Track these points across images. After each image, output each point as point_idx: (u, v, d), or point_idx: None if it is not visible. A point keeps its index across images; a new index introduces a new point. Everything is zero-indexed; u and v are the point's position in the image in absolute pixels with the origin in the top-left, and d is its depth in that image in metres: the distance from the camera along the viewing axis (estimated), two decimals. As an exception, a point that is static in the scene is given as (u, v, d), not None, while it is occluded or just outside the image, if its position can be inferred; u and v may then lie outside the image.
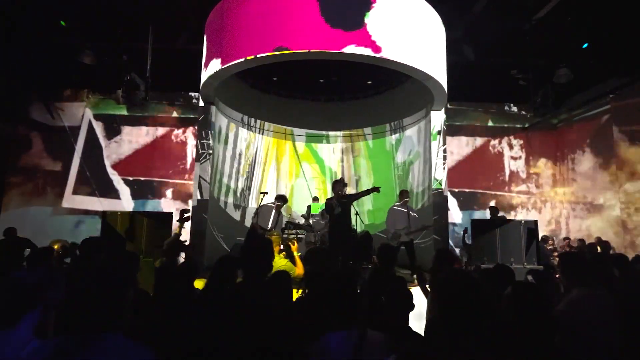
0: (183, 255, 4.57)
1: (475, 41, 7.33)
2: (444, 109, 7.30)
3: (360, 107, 8.81)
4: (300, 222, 7.53)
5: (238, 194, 8.42)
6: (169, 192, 9.10)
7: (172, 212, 6.58)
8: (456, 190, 9.67)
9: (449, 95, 6.72)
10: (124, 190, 9.01)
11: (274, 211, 6.09)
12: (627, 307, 2.09)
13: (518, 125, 10.13)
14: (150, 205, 8.94)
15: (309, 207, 8.02)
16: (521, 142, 10.11)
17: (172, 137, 9.28)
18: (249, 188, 8.70)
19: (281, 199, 6.26)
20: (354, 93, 8.67)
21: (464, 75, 7.45)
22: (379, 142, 9.19)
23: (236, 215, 8.29)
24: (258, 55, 5.38)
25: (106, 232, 5.15)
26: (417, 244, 6.48)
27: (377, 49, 5.17)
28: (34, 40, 7.15)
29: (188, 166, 9.18)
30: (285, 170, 9.32)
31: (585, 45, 7.13)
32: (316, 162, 9.53)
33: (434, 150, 7.28)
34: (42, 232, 7.88)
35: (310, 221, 7.45)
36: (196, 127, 9.20)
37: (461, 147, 9.93)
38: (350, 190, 7.40)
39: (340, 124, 9.13)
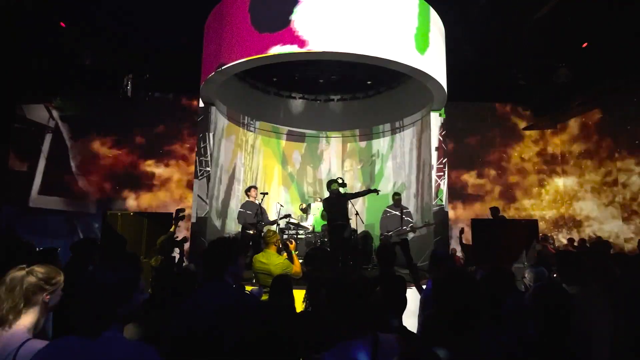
0: (177, 250, 4.59)
1: (474, 40, 7.31)
2: (443, 116, 7.20)
3: (359, 108, 8.81)
4: (300, 222, 7.53)
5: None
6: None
7: (171, 213, 6.59)
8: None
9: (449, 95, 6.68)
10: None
11: (249, 204, 6.11)
12: (626, 306, 2.09)
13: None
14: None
15: (308, 206, 8.03)
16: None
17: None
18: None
19: (249, 189, 6.32)
20: (354, 93, 8.67)
21: (462, 75, 7.44)
22: (374, 144, 9.20)
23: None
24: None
25: (106, 233, 5.16)
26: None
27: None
28: (32, 41, 7.15)
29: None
30: (282, 172, 9.31)
31: (585, 45, 7.12)
32: (314, 163, 9.51)
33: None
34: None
35: (310, 220, 7.45)
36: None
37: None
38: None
39: (340, 124, 9.13)
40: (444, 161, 7.12)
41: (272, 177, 9.20)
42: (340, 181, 5.77)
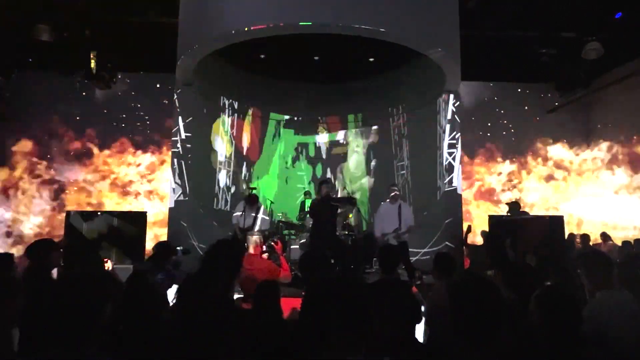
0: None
1: (491, 11, 7.28)
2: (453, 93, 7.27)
3: (361, 90, 8.81)
4: (293, 222, 7.59)
5: (220, 195, 8.41)
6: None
7: (146, 212, 6.62)
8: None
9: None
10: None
11: (245, 210, 6.37)
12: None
13: None
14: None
15: (302, 204, 8.08)
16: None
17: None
18: (230, 187, 8.70)
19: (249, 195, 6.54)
20: (354, 73, 8.65)
21: (478, 50, 7.43)
22: (380, 130, 9.25)
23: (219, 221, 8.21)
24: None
25: (71, 237, 5.13)
26: (430, 252, 6.50)
27: None
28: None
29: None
30: (270, 162, 9.34)
31: (618, 15, 7.11)
32: (307, 152, 9.54)
33: (445, 139, 7.24)
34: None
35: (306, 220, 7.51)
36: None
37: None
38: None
39: (336, 108, 9.16)
40: (456, 139, 7.16)
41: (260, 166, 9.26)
42: (331, 182, 5.94)
